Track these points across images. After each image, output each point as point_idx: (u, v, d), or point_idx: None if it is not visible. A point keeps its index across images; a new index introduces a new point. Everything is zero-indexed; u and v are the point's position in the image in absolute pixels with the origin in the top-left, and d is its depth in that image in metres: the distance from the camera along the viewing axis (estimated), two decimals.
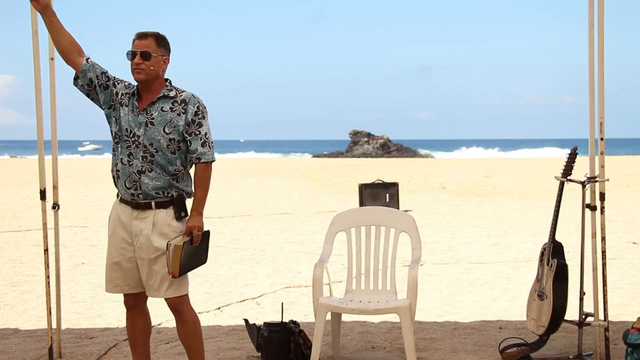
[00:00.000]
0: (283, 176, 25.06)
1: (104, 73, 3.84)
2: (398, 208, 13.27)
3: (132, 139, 3.80)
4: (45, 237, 4.67)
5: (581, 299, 4.69)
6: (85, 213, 14.48)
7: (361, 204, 13.62)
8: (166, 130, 3.79)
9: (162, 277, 3.83)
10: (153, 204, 3.81)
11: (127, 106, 3.83)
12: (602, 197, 4.55)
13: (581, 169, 4.52)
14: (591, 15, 4.48)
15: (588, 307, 4.67)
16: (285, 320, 4.72)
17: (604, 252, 4.54)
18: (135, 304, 4.00)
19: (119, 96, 3.85)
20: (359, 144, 52.07)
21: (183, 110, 3.82)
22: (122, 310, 6.30)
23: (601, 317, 4.64)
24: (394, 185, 14.20)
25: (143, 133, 3.79)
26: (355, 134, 52.96)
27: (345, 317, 5.35)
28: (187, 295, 3.93)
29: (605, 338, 4.58)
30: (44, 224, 4.66)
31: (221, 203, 16.12)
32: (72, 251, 9.59)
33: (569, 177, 4.74)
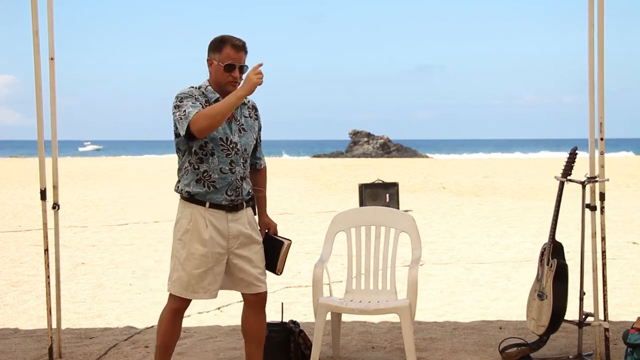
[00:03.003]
0: (283, 176, 25.06)
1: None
2: (398, 208, 13.27)
3: (231, 146, 3.75)
4: (45, 237, 4.66)
5: (581, 299, 4.68)
6: (85, 213, 14.48)
7: (361, 204, 13.62)
8: (254, 136, 3.90)
9: (261, 271, 3.94)
10: (244, 203, 3.87)
11: None
12: (602, 197, 4.55)
13: (581, 169, 4.52)
14: (591, 15, 4.48)
15: (588, 307, 4.67)
16: (285, 320, 4.72)
17: (604, 252, 4.54)
18: (185, 309, 3.90)
19: (204, 107, 3.68)
20: (359, 144, 52.08)
21: (255, 117, 3.95)
22: (122, 310, 6.35)
23: (601, 317, 4.64)
24: (394, 185, 14.20)
25: (239, 140, 3.79)
26: (355, 134, 52.96)
27: (345, 317, 5.35)
28: None
29: (605, 338, 4.58)
30: (44, 224, 4.66)
31: None
32: (72, 251, 9.59)
33: (569, 177, 4.73)
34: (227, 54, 3.70)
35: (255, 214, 4.01)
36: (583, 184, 4.60)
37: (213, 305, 6.43)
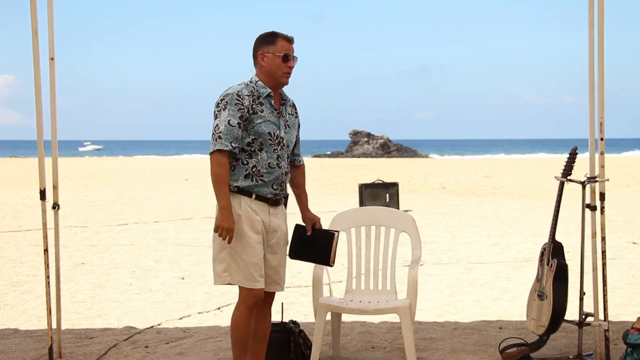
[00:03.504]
0: None
1: (239, 123, 3.71)
2: (398, 208, 13.27)
3: (277, 141, 3.82)
4: (45, 237, 4.66)
5: (581, 299, 4.68)
6: (85, 213, 14.48)
7: (361, 204, 13.61)
8: (295, 133, 3.98)
9: (284, 270, 3.99)
10: (283, 199, 3.94)
11: (262, 112, 3.78)
12: (602, 197, 4.55)
13: (581, 169, 4.52)
14: (591, 15, 4.48)
15: (588, 307, 4.67)
16: (285, 320, 4.73)
17: (604, 252, 4.54)
18: (259, 302, 3.86)
19: (251, 108, 3.74)
20: (359, 144, 52.06)
21: (296, 114, 4.03)
22: (122, 310, 6.35)
23: (601, 317, 4.64)
24: (394, 185, 14.20)
25: (285, 135, 3.86)
26: (355, 134, 52.94)
27: (345, 317, 5.35)
28: None
29: (605, 338, 4.58)
30: (44, 224, 4.66)
31: None
32: (72, 251, 9.59)
33: (569, 177, 4.74)
34: (282, 45, 3.81)
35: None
36: (583, 184, 4.60)
37: (213, 305, 6.43)
